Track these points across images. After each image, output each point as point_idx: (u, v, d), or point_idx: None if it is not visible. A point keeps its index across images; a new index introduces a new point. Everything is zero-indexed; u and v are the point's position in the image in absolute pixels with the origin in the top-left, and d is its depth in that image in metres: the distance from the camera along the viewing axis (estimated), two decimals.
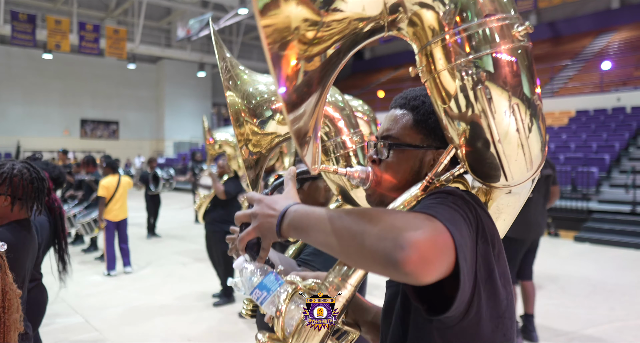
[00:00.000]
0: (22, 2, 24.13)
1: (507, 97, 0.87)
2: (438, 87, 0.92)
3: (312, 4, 0.77)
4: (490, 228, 0.90)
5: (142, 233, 9.32)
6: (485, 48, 0.85)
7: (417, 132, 1.04)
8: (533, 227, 4.06)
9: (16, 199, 1.90)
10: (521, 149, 0.91)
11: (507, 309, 0.89)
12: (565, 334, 4.31)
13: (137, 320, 4.69)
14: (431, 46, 0.89)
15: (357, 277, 0.92)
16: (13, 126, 25.12)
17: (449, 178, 1.00)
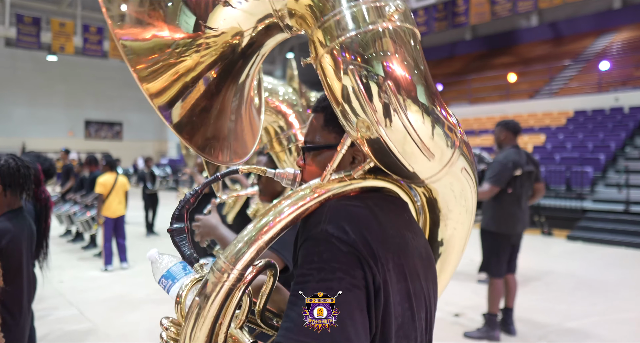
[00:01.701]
0: (28, 5, 24.42)
1: (396, 94, 0.85)
2: (326, 83, 0.91)
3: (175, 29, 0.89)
4: (391, 250, 0.89)
5: (140, 231, 9.50)
6: (362, 33, 0.85)
7: (330, 131, 1.04)
8: (517, 222, 4.17)
9: (6, 187, 2.06)
10: (414, 142, 0.88)
11: (401, 327, 0.90)
12: (544, 327, 4.43)
13: (129, 312, 4.85)
14: (313, 34, 0.91)
15: (243, 261, 0.89)
16: (18, 127, 25.41)
17: (360, 174, 0.98)
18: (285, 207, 0.93)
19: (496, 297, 4.15)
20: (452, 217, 1.10)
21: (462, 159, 0.98)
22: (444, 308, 4.95)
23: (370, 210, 0.92)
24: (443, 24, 24.64)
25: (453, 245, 1.16)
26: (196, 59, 0.93)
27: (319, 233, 0.86)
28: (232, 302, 0.91)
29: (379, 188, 1.01)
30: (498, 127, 4.34)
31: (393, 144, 0.89)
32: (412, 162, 0.92)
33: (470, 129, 16.38)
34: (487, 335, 4.09)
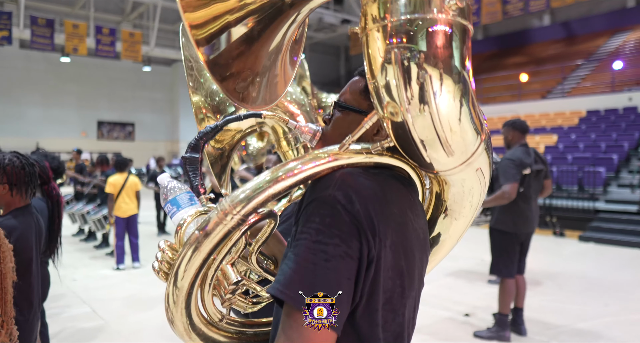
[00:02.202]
0: (42, 7, 24.72)
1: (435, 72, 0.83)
2: (367, 48, 0.90)
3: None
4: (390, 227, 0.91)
5: (152, 230, 9.58)
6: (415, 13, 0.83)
7: (365, 98, 1.06)
8: (527, 221, 4.16)
9: (13, 185, 2.10)
10: (438, 132, 0.88)
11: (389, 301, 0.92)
12: (555, 328, 4.40)
13: (140, 310, 4.90)
14: (368, 3, 0.88)
15: (247, 208, 0.91)
16: (32, 128, 25.73)
17: (378, 149, 0.98)
18: (297, 165, 0.94)
19: (508, 297, 4.12)
20: (455, 209, 1.11)
21: (480, 160, 0.98)
22: (454, 307, 4.94)
23: (379, 186, 0.93)
24: None
25: (450, 235, 1.18)
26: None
27: (326, 197, 0.88)
28: (229, 242, 0.95)
29: (390, 167, 1.01)
30: (505, 127, 4.32)
31: (417, 133, 0.89)
32: (431, 154, 0.92)
33: None
34: (498, 335, 4.07)
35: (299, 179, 0.93)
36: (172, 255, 1.02)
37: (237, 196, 0.93)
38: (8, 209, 2.14)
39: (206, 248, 0.93)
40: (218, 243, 0.93)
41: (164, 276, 1.02)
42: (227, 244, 0.95)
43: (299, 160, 0.95)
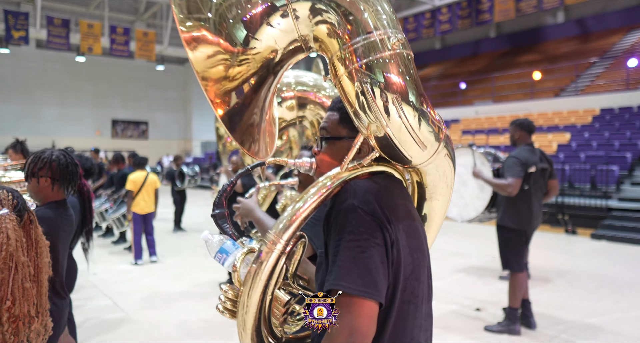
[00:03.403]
0: (57, 8, 25.10)
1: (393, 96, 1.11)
2: (342, 91, 1.16)
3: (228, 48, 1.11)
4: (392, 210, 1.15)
5: (169, 227, 9.77)
6: (372, 55, 1.11)
7: (343, 127, 1.32)
8: (532, 218, 4.24)
9: (55, 181, 2.24)
10: (409, 135, 1.14)
11: (413, 272, 1.18)
12: (566, 323, 4.47)
13: (159, 304, 5.06)
14: (333, 57, 1.15)
15: (289, 232, 1.15)
16: (48, 127, 26.15)
17: (368, 162, 1.24)
18: (316, 190, 1.19)
19: (518, 291, 4.20)
20: (436, 191, 1.36)
21: (445, 148, 1.24)
22: (466, 302, 5.03)
23: (380, 187, 1.19)
24: (467, 21, 24.44)
25: (436, 213, 1.43)
26: (241, 69, 1.14)
27: (347, 207, 1.13)
28: (278, 266, 1.16)
29: (381, 171, 1.27)
30: (512, 126, 4.41)
31: (396, 139, 1.15)
32: (409, 151, 1.18)
33: (494, 127, 16.26)
34: (508, 328, 4.15)
35: (320, 200, 1.18)
36: (233, 293, 1.25)
37: (278, 226, 1.17)
38: (45, 202, 2.28)
39: (264, 274, 1.15)
40: (273, 268, 1.15)
41: (230, 314, 1.25)
42: (276, 269, 1.16)
43: (316, 186, 1.21)
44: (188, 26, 1.13)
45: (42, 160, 2.22)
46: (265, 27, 1.15)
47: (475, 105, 19.14)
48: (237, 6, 1.14)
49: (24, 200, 1.68)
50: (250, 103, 1.20)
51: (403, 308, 1.16)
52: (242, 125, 1.21)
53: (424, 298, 1.22)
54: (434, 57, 28.08)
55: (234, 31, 1.12)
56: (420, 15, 25.87)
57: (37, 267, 1.64)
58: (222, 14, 1.14)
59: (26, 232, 1.65)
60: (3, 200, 1.62)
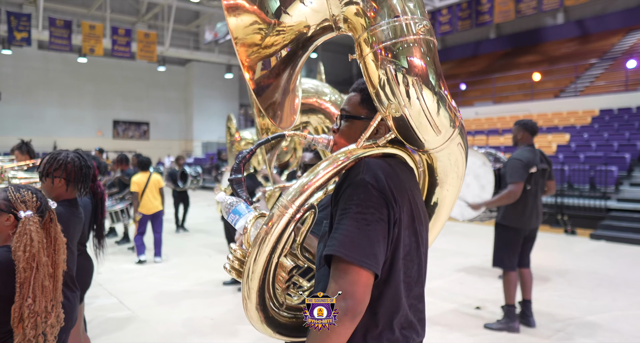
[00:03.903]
0: (59, 9, 25.22)
1: (415, 79, 1.16)
2: (367, 72, 1.21)
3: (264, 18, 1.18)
4: (399, 191, 1.21)
5: (171, 227, 9.85)
6: (397, 38, 1.16)
7: (363, 107, 1.38)
8: (532, 217, 4.32)
9: (69, 182, 2.32)
10: (426, 119, 1.19)
11: (410, 250, 1.26)
12: (564, 321, 4.55)
13: (164, 302, 5.14)
14: (360, 38, 1.20)
15: (301, 199, 1.21)
16: (50, 127, 26.27)
17: (383, 143, 1.31)
18: (331, 162, 1.26)
19: (512, 288, 4.30)
20: (447, 181, 1.42)
21: (459, 136, 1.30)
22: (466, 301, 5.11)
23: (392, 167, 1.25)
24: (467, 22, 24.54)
25: (445, 203, 1.49)
26: (275, 39, 1.21)
27: (359, 181, 1.19)
28: (287, 231, 1.23)
29: (394, 154, 1.33)
30: (516, 126, 4.49)
31: (413, 121, 1.21)
32: (424, 135, 1.24)
33: (494, 128, 16.34)
34: (507, 326, 4.23)
35: (335, 171, 1.24)
36: (242, 253, 1.31)
37: (291, 192, 1.23)
38: (57, 200, 2.36)
39: (273, 237, 1.21)
40: (282, 232, 1.20)
41: (236, 273, 1.31)
42: (284, 234, 1.22)
43: (329, 160, 1.26)
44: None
45: (58, 161, 2.30)
46: (298, 4, 1.20)
47: (475, 106, 19.23)
48: None
49: (46, 200, 1.77)
50: (279, 73, 1.26)
51: (397, 285, 1.22)
52: (269, 93, 1.28)
53: (417, 280, 1.29)
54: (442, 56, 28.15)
55: (268, 2, 1.19)
56: None
57: (55, 264, 1.73)
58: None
59: (46, 230, 1.73)
60: (28, 201, 1.71)
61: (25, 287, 1.60)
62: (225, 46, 28.45)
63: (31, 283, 1.61)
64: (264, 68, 1.23)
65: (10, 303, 1.60)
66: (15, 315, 1.58)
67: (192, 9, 26.55)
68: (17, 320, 1.58)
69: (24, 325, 1.59)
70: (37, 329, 1.61)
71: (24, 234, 1.62)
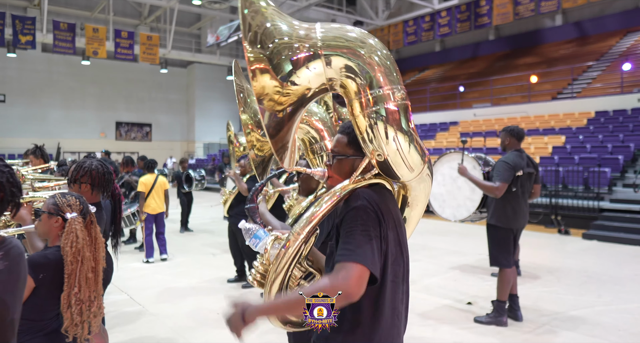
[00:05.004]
0: (63, 12, 25.53)
1: (393, 131, 1.53)
2: (356, 124, 1.57)
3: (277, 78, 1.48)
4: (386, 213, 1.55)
5: (176, 227, 10.14)
6: (380, 104, 1.51)
7: (350, 147, 1.69)
8: (519, 218, 4.60)
9: (94, 186, 2.60)
10: (402, 160, 1.55)
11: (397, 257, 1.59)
12: (550, 315, 4.82)
13: (172, 297, 5.43)
14: (352, 100, 1.55)
15: (309, 227, 1.58)
16: (54, 129, 26.55)
17: (369, 176, 1.64)
18: (333, 195, 1.61)
19: (506, 285, 4.56)
20: (414, 202, 1.80)
21: (427, 169, 1.66)
22: (458, 297, 5.38)
23: (378, 194, 1.58)
24: (466, 24, 24.86)
25: (411, 217, 1.85)
26: (285, 98, 1.51)
27: (359, 205, 1.51)
28: (299, 251, 1.59)
29: (378, 183, 1.65)
30: (503, 133, 4.77)
31: (392, 161, 1.56)
32: (400, 171, 1.60)
33: (492, 129, 16.60)
34: (496, 319, 4.51)
35: (335, 203, 1.60)
36: (263, 269, 1.70)
37: (303, 221, 1.60)
38: None
39: (289, 256, 1.59)
40: (295, 252, 1.58)
41: (258, 284, 1.71)
42: (299, 252, 1.59)
43: (331, 193, 1.62)
44: (254, 60, 1.48)
45: (84, 169, 2.58)
46: (304, 69, 1.50)
47: (474, 108, 19.48)
48: (289, 47, 1.50)
49: (87, 204, 2.05)
50: (287, 123, 1.55)
51: (389, 285, 1.55)
52: (279, 138, 1.56)
53: (403, 279, 1.64)
54: (434, 60, 28.45)
55: (283, 65, 1.48)
56: (420, 18, 26.27)
57: (96, 260, 2.02)
58: (278, 51, 1.49)
59: (88, 231, 2.02)
60: (72, 205, 1.99)
61: (72, 277, 1.89)
62: (227, 48, 28.75)
63: (77, 275, 1.90)
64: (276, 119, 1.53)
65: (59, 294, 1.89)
66: (64, 302, 1.88)
67: (193, 11, 26.85)
68: (66, 307, 1.88)
69: (72, 311, 1.88)
70: (82, 316, 1.91)
71: (71, 232, 1.92)
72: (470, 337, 4.30)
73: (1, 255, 1.37)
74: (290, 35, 1.51)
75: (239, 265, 6.08)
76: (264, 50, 1.48)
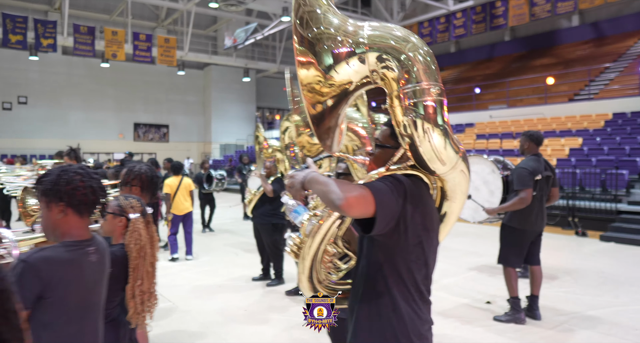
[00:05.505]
0: (83, 16, 26.05)
1: (429, 125, 1.61)
2: (394, 116, 1.67)
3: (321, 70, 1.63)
4: (417, 197, 1.67)
5: (197, 227, 10.39)
6: (418, 99, 1.61)
7: (392, 138, 1.81)
8: (536, 221, 4.74)
9: (143, 189, 2.82)
10: (434, 154, 1.64)
11: (421, 240, 1.68)
12: (567, 314, 4.94)
13: (201, 295, 5.66)
14: (392, 94, 1.64)
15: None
16: (74, 130, 27.10)
17: (405, 167, 1.76)
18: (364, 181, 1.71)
19: (512, 281, 4.76)
20: (452, 195, 1.88)
21: (461, 164, 1.73)
22: (477, 297, 5.53)
23: (412, 181, 1.70)
24: (481, 26, 24.85)
25: (452, 211, 1.93)
26: (328, 90, 1.65)
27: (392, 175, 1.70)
28: (333, 227, 1.74)
29: (414, 175, 1.75)
30: (523, 137, 4.91)
31: (425, 155, 1.65)
32: (433, 165, 1.68)
33: (508, 131, 16.63)
34: (514, 317, 4.65)
35: None
36: (299, 241, 1.85)
37: None
38: None
39: (323, 230, 1.72)
40: (328, 228, 1.72)
41: (294, 255, 1.87)
42: (332, 228, 1.72)
43: (367, 177, 1.74)
44: (301, 52, 1.62)
45: (134, 172, 2.80)
46: (344, 65, 1.63)
47: (490, 110, 19.49)
48: (333, 40, 1.63)
49: (145, 206, 2.27)
50: (330, 112, 1.69)
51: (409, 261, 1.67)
52: (323, 126, 1.70)
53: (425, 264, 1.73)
54: (449, 61, 28.45)
55: (324, 57, 1.61)
56: (435, 19, 26.33)
57: (153, 257, 2.23)
58: (320, 39, 1.62)
59: (147, 229, 2.23)
60: (135, 206, 2.21)
61: (136, 271, 2.10)
62: (243, 50, 29.06)
63: (140, 269, 2.11)
64: (320, 109, 1.66)
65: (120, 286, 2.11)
66: (129, 293, 2.10)
67: (209, 14, 27.14)
68: (130, 297, 2.09)
69: (135, 301, 2.09)
70: (143, 305, 2.12)
71: (134, 231, 2.13)
72: (490, 335, 4.45)
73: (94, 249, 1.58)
74: (338, 27, 1.64)
75: (265, 264, 6.29)
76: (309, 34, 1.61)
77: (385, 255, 1.66)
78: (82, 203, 1.59)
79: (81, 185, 1.58)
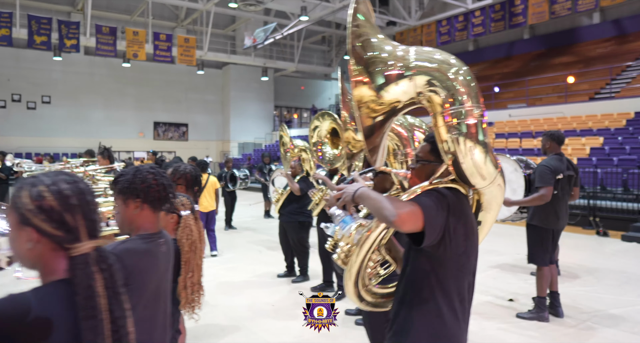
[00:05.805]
0: (104, 16, 26.51)
1: (471, 143, 1.73)
2: (439, 134, 1.77)
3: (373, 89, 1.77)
4: (458, 210, 1.77)
5: (220, 225, 10.60)
6: (461, 119, 1.72)
7: (432, 154, 1.92)
8: (559, 219, 4.82)
9: (187, 188, 2.98)
10: (476, 170, 1.75)
11: (466, 249, 1.79)
12: (590, 312, 5.00)
13: (228, 291, 5.83)
14: (437, 114, 1.76)
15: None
16: (95, 129, 27.62)
17: (446, 181, 1.85)
18: (407, 196, 1.84)
19: (544, 282, 4.80)
20: (487, 207, 2.01)
21: (499, 178, 1.85)
22: (499, 294, 5.61)
23: (453, 194, 1.80)
24: (500, 24, 24.66)
25: (486, 221, 2.07)
26: (379, 107, 1.78)
27: (437, 189, 1.80)
28: (379, 237, 1.87)
29: (455, 188, 1.85)
30: (544, 137, 4.98)
31: (467, 170, 1.77)
32: (473, 180, 1.80)
33: (527, 130, 16.57)
34: (538, 315, 4.73)
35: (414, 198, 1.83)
36: (347, 249, 1.97)
37: None
38: None
39: (370, 240, 1.87)
40: (375, 238, 1.86)
41: (342, 262, 1.96)
42: (379, 238, 1.87)
43: (410, 191, 1.87)
44: (356, 73, 1.75)
45: (180, 172, 2.96)
46: (393, 86, 1.77)
47: (509, 109, 19.40)
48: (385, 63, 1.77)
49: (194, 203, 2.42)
50: (379, 128, 1.82)
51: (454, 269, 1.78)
52: (372, 140, 1.82)
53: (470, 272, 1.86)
54: (467, 59, 28.01)
55: (377, 78, 1.76)
56: (454, 18, 26.21)
57: (202, 251, 2.39)
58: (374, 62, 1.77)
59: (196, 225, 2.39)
60: (185, 204, 2.37)
61: (188, 264, 2.27)
62: (261, 50, 29.25)
63: (191, 262, 2.27)
64: (372, 123, 1.80)
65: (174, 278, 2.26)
66: (181, 284, 2.26)
67: (228, 13, 27.42)
68: (182, 288, 2.26)
69: (187, 292, 2.25)
70: (193, 295, 2.28)
71: (186, 227, 2.30)
72: (514, 332, 4.54)
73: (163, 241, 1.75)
74: (390, 52, 1.79)
75: (289, 261, 6.45)
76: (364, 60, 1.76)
77: (431, 264, 1.78)
78: (156, 199, 1.75)
79: (154, 183, 1.74)
